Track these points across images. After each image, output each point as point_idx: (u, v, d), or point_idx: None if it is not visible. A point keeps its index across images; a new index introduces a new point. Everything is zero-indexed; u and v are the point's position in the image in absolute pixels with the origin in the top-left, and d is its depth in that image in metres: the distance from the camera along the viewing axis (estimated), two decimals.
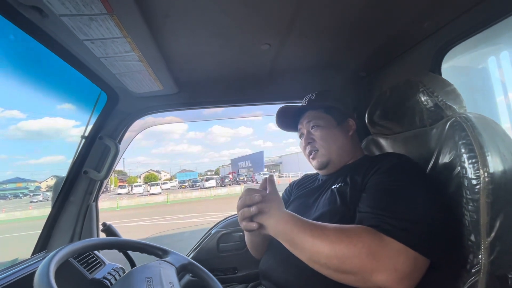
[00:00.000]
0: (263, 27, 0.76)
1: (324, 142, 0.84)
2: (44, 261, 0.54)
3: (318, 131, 0.85)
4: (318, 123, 0.86)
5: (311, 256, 0.57)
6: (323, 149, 0.84)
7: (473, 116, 0.60)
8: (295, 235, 0.58)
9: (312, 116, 0.87)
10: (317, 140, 0.85)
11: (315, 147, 0.85)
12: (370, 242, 0.52)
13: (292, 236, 0.59)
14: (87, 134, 1.07)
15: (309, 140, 0.86)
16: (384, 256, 0.51)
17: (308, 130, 0.88)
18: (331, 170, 0.85)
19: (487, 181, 0.54)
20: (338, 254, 0.53)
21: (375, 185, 0.64)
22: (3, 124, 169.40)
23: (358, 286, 0.54)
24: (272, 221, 0.61)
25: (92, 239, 1.04)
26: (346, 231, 0.56)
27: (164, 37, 0.74)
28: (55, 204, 1.04)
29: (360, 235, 0.54)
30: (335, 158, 0.84)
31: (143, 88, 0.99)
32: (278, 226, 0.60)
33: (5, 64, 1.02)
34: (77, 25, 0.59)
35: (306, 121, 0.88)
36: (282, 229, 0.60)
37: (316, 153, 0.85)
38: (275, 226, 0.60)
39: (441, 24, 0.81)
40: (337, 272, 0.55)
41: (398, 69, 1.04)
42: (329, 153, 0.84)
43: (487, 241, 0.54)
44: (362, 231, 0.55)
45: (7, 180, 64.13)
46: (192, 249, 1.25)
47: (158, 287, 0.64)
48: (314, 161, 0.87)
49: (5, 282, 0.66)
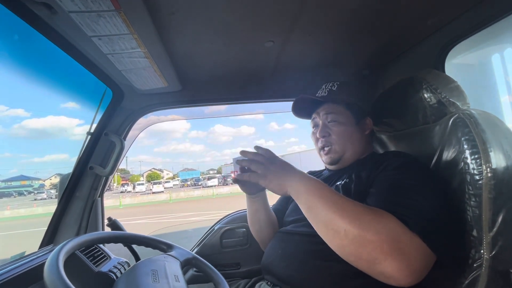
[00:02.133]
0: (267, 24, 0.77)
1: (340, 139, 0.82)
2: (53, 252, 0.56)
3: (336, 126, 0.82)
4: (337, 118, 0.83)
5: (326, 229, 0.55)
6: (337, 146, 0.82)
7: (477, 113, 0.61)
8: (317, 201, 0.56)
9: (331, 109, 0.84)
10: (333, 135, 0.82)
11: (330, 143, 0.83)
12: (394, 233, 0.50)
13: (314, 202, 0.57)
14: (92, 130, 1.08)
15: (325, 134, 0.83)
16: (404, 250, 0.49)
17: (325, 123, 0.84)
18: (340, 166, 0.84)
19: (489, 176, 0.54)
20: (359, 238, 0.50)
21: (385, 181, 0.63)
22: (8, 122, 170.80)
23: (362, 269, 0.52)
24: (294, 181, 0.61)
25: (98, 233, 1.06)
26: (370, 213, 0.53)
27: (169, 34, 0.75)
28: (61, 199, 1.06)
29: (385, 223, 0.51)
30: (348, 156, 0.82)
31: (148, 85, 1.00)
32: (300, 187, 0.59)
33: (12, 61, 1.03)
34: (85, 22, 0.60)
35: (323, 113, 0.85)
36: (304, 191, 0.59)
37: (329, 149, 0.83)
38: (297, 186, 0.60)
39: (445, 21, 0.81)
40: (350, 255, 0.52)
41: (401, 67, 1.04)
42: (343, 150, 0.82)
43: (489, 236, 0.54)
44: (387, 219, 0.52)
45: (11, 177, 64.84)
46: (196, 245, 1.26)
47: (163, 279, 0.65)
48: (325, 156, 0.85)
49: (14, 273, 0.67)
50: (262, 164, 0.65)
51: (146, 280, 0.62)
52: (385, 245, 0.49)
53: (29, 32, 0.69)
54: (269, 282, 0.78)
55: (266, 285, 0.79)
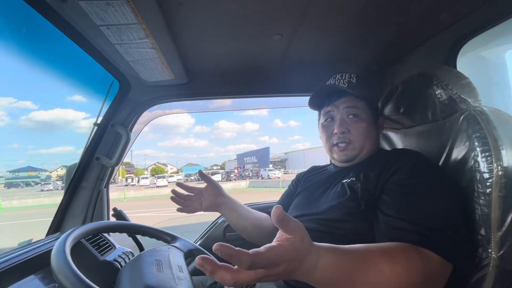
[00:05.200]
0: (276, 17, 0.76)
1: (361, 137, 0.77)
2: (60, 239, 0.57)
3: (358, 123, 0.77)
4: (360, 113, 0.78)
5: None
6: (357, 143, 0.77)
7: (488, 110, 0.59)
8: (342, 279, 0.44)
9: (353, 103, 0.78)
10: (353, 132, 0.77)
11: (349, 140, 0.78)
12: (419, 267, 0.47)
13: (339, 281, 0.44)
14: (99, 121, 1.09)
15: (344, 130, 0.77)
16: (430, 274, 0.48)
17: (344, 118, 0.78)
18: (352, 164, 0.81)
19: (500, 175, 0.53)
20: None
21: (399, 187, 0.60)
22: (16, 114, 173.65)
23: None
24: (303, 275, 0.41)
25: (104, 222, 1.08)
26: (393, 257, 0.47)
27: (177, 25, 0.75)
28: (68, 189, 1.08)
29: (409, 259, 0.48)
30: (363, 154, 0.79)
31: (155, 77, 1.00)
32: (313, 277, 0.42)
33: (22, 51, 1.04)
34: (94, 10, 0.60)
35: (344, 106, 0.79)
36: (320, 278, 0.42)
37: (346, 146, 0.78)
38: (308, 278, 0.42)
39: (458, 16, 0.79)
40: None
41: (411, 63, 1.02)
42: (361, 148, 0.78)
43: (497, 235, 0.53)
44: (410, 256, 0.48)
45: (19, 168, 66.10)
46: (199, 237, 1.27)
47: (167, 269, 0.66)
48: (340, 153, 0.79)
49: (22, 259, 0.69)
50: (266, 276, 0.39)
51: (150, 270, 0.63)
52: (417, 285, 0.47)
53: (38, 21, 0.70)
54: None
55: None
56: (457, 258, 0.51)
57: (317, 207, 0.75)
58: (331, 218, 0.68)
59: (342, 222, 0.66)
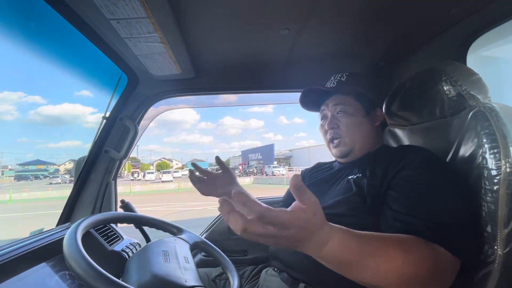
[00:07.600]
0: (284, 11, 0.76)
1: (349, 131, 0.80)
2: (71, 227, 0.58)
3: (345, 118, 0.81)
4: (346, 109, 0.81)
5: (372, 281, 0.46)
6: (347, 138, 0.80)
7: (498, 106, 0.59)
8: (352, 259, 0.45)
9: (340, 100, 0.82)
10: (342, 127, 0.81)
11: (339, 135, 0.81)
12: (430, 260, 0.48)
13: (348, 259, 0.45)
14: (108, 115, 1.11)
15: (333, 126, 0.81)
16: (439, 269, 0.49)
17: (333, 115, 0.82)
18: (350, 159, 0.83)
19: (508, 172, 0.53)
20: (404, 278, 0.46)
21: (407, 183, 0.61)
22: (25, 108, 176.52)
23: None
24: (312, 246, 0.43)
25: (113, 212, 1.10)
26: (406, 247, 0.48)
27: (185, 19, 0.76)
28: (77, 181, 1.10)
29: (421, 252, 0.48)
30: (358, 148, 0.81)
31: (163, 71, 1.01)
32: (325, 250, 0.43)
33: (30, 44, 1.06)
34: (104, 3, 0.61)
35: (332, 104, 0.83)
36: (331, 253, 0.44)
37: (339, 141, 0.81)
38: (318, 251, 0.44)
39: (469, 11, 0.78)
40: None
41: (419, 59, 1.01)
42: (352, 142, 0.80)
43: (504, 233, 0.53)
44: (422, 249, 0.49)
45: (28, 161, 67.49)
46: (205, 231, 1.29)
47: (174, 260, 0.68)
48: (335, 149, 0.83)
49: (34, 246, 0.71)
50: (274, 236, 0.39)
51: (157, 260, 0.65)
52: (426, 280, 0.48)
53: (49, 15, 0.71)
54: (275, 268, 0.79)
55: (273, 271, 0.80)
56: (465, 254, 0.51)
57: (323, 202, 0.75)
58: (336, 213, 0.68)
59: (347, 217, 0.66)
